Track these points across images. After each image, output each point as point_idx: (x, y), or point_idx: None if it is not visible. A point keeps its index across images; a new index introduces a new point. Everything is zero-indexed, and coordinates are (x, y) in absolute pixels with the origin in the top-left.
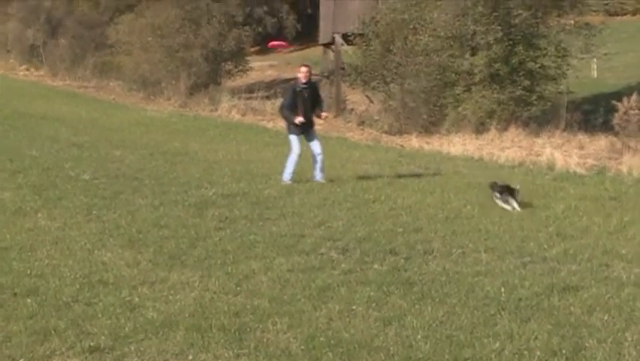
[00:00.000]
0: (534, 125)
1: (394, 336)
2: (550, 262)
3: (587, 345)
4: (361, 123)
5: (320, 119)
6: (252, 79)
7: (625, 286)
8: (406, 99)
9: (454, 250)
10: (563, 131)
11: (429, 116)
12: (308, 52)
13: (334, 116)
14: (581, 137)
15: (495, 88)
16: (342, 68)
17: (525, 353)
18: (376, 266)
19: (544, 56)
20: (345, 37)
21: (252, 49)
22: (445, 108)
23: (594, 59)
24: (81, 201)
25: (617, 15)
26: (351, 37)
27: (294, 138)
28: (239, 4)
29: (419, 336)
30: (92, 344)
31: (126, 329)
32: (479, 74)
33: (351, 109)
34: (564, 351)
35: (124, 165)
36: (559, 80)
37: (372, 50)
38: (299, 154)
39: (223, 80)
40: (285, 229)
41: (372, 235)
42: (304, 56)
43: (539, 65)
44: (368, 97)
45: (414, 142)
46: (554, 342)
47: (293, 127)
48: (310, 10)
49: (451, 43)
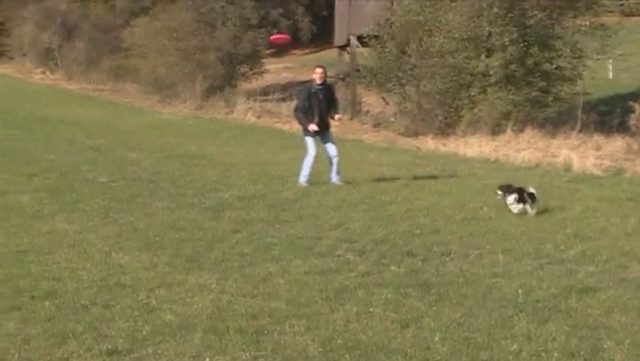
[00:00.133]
0: (550, 127)
1: (412, 338)
2: (568, 264)
3: (605, 347)
4: (377, 125)
5: (335, 121)
6: (267, 81)
7: None
8: (422, 101)
9: (471, 251)
10: (579, 132)
11: (444, 117)
12: (323, 54)
13: (350, 118)
14: (598, 138)
15: (510, 89)
16: (358, 70)
17: (543, 354)
18: (393, 268)
19: (559, 57)
20: (361, 39)
21: (267, 51)
22: (461, 110)
23: (610, 60)
24: (98, 204)
25: (633, 15)
26: (366, 39)
27: (309, 140)
28: (254, 6)
29: (436, 338)
30: (109, 346)
31: (144, 331)
32: (495, 76)
33: (367, 111)
34: (582, 353)
35: (140, 167)
36: (574, 81)
37: (388, 52)
38: (315, 156)
39: (238, 83)
40: (302, 232)
41: (389, 236)
42: (319, 58)
43: (555, 66)
44: (383, 99)
45: (430, 144)
46: (572, 344)
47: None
48: (325, 12)
49: (467, 44)
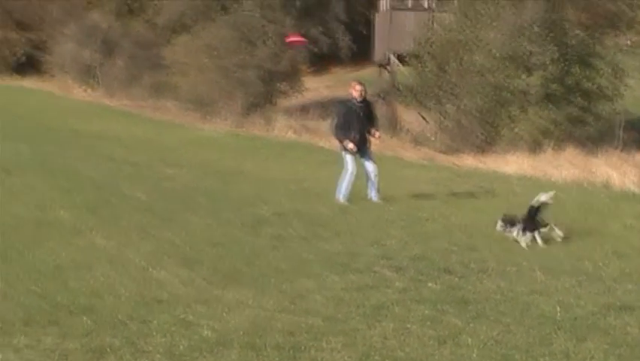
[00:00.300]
0: (590, 145)
1: (449, 355)
2: (607, 281)
3: None
4: (416, 142)
5: (375, 139)
6: (307, 99)
7: None
8: (461, 119)
9: (508, 268)
10: (619, 150)
11: (484, 135)
12: (363, 72)
13: (390, 136)
14: (638, 156)
15: (551, 108)
16: (397, 88)
17: None
18: (431, 285)
19: (600, 76)
20: (400, 57)
21: (308, 69)
22: (500, 128)
23: None
24: (136, 219)
25: None
26: (406, 58)
27: (348, 157)
28: (294, 24)
29: (474, 355)
30: None
31: (181, 347)
32: (535, 94)
33: (406, 129)
34: None
35: (178, 183)
36: (615, 100)
37: (427, 70)
38: (353, 173)
39: (278, 100)
40: (339, 248)
41: (426, 253)
42: (359, 76)
43: (596, 85)
44: (423, 116)
45: (468, 161)
46: None
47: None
48: (365, 31)
49: (507, 63)
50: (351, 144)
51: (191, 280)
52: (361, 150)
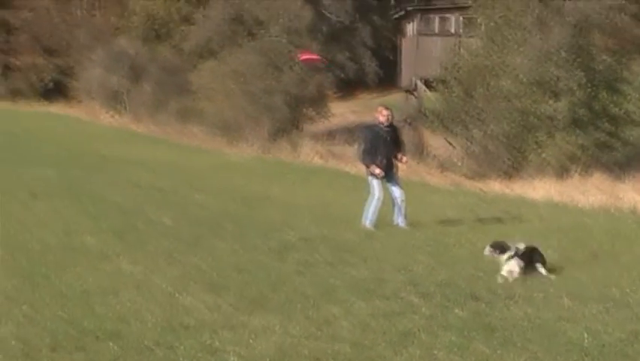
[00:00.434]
0: (617, 170)
1: None
2: (634, 308)
3: None
4: (442, 168)
5: (401, 163)
6: (333, 124)
7: None
8: (488, 144)
9: (535, 294)
10: None
11: (511, 160)
12: (390, 97)
13: (416, 162)
14: None
15: (578, 133)
16: (424, 113)
17: None
18: (457, 311)
19: (627, 102)
20: (427, 82)
21: (334, 95)
22: (527, 153)
23: None
24: (162, 245)
25: None
26: (433, 83)
27: (375, 182)
28: (321, 49)
29: None
30: None
31: None
32: (562, 119)
33: (433, 154)
34: None
35: (205, 208)
36: None
37: (454, 95)
38: (380, 198)
39: (304, 126)
40: (366, 273)
41: (453, 279)
42: (386, 101)
43: (623, 110)
44: (449, 142)
45: (495, 186)
46: None
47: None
48: (391, 57)
49: (534, 88)
50: (378, 169)
51: (218, 305)
52: (388, 174)
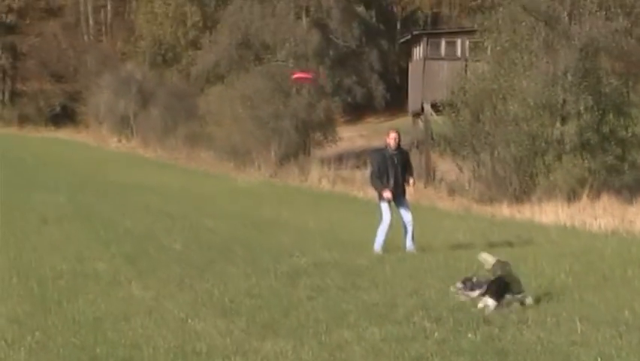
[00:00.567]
0: (626, 193)
1: None
2: None
3: None
4: (451, 192)
5: (410, 187)
6: (341, 149)
7: None
8: (497, 168)
9: (548, 318)
10: None
11: (519, 184)
12: (397, 121)
13: (425, 186)
14: None
15: (586, 156)
16: (432, 137)
17: None
18: (470, 335)
19: (635, 125)
20: (434, 106)
21: (342, 119)
22: (536, 177)
23: None
24: (174, 270)
25: None
26: (440, 107)
27: (384, 206)
28: (328, 74)
29: None
30: None
31: None
32: (570, 143)
33: (441, 178)
34: None
35: (215, 234)
36: None
37: (462, 119)
38: (390, 223)
39: (313, 150)
40: (377, 298)
41: (465, 303)
42: (394, 125)
43: (631, 133)
44: (458, 165)
45: (505, 211)
46: None
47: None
48: (399, 80)
49: (541, 112)
50: (388, 192)
51: (230, 331)
52: (397, 198)
